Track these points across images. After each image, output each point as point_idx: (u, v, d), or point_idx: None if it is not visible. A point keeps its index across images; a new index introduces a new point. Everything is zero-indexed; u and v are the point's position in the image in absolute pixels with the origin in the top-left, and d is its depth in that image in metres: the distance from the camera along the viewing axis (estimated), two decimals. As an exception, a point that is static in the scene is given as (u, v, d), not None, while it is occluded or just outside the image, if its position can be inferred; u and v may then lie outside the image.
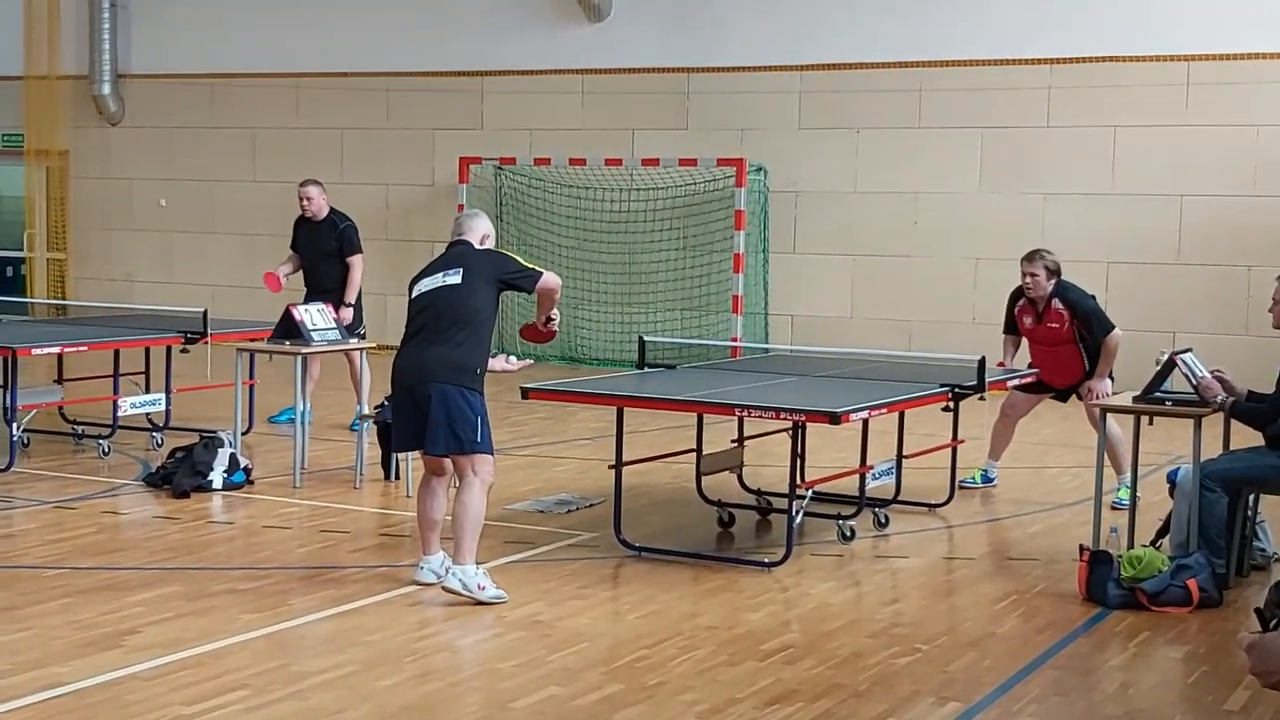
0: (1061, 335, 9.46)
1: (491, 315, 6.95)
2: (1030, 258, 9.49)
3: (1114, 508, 9.06)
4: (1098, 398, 9.17)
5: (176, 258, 19.57)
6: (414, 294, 6.97)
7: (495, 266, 6.97)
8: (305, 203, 11.50)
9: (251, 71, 18.92)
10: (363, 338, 10.99)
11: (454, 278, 6.84)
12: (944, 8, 15.67)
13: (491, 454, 6.84)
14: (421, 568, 7.02)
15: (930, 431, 9.66)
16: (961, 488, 9.44)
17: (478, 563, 6.74)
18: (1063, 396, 9.74)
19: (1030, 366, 9.65)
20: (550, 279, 7.08)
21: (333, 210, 11.64)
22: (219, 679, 5.57)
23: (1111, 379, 9.47)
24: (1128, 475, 8.89)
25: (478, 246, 7.06)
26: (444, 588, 6.67)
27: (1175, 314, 14.63)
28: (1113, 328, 9.44)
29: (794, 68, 16.26)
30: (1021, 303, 9.63)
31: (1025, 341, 9.72)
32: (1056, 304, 9.46)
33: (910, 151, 15.81)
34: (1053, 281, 9.43)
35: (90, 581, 6.99)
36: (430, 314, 6.84)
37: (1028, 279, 9.46)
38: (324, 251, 11.48)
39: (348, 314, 11.12)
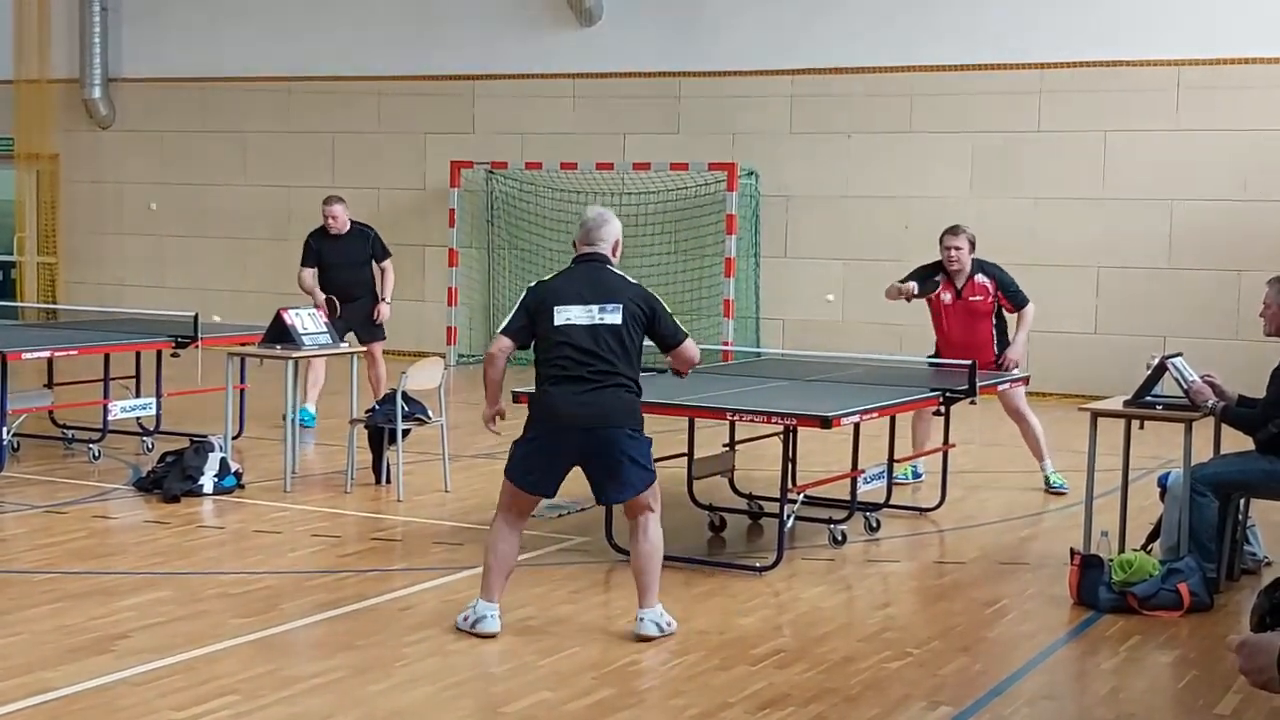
0: (984, 308, 9.70)
1: (642, 347, 6.52)
2: (954, 231, 9.75)
3: (1050, 491, 9.69)
4: (1014, 365, 9.63)
5: (167, 262, 19.55)
6: (559, 322, 6.29)
7: (648, 313, 6.46)
8: (331, 220, 11.99)
9: (242, 75, 18.90)
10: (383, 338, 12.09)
11: (613, 316, 6.31)
12: (935, 13, 15.69)
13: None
14: (492, 616, 6.30)
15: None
16: (897, 483, 9.52)
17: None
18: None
19: (935, 350, 9.87)
20: (692, 349, 6.60)
21: (353, 221, 12.17)
22: (209, 684, 5.55)
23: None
24: (1049, 462, 9.82)
25: (613, 259, 6.53)
26: (640, 636, 6.25)
27: (1166, 318, 14.65)
28: (1029, 300, 9.83)
29: (785, 72, 16.28)
30: (940, 279, 9.80)
31: (936, 318, 9.93)
32: (980, 278, 9.73)
33: (901, 156, 15.83)
34: (971, 256, 9.71)
35: (80, 586, 6.97)
36: (594, 354, 6.26)
37: (952, 252, 9.66)
38: (358, 261, 12.12)
39: (387, 310, 12.06)
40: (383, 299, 12.06)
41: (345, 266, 12.02)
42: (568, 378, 6.26)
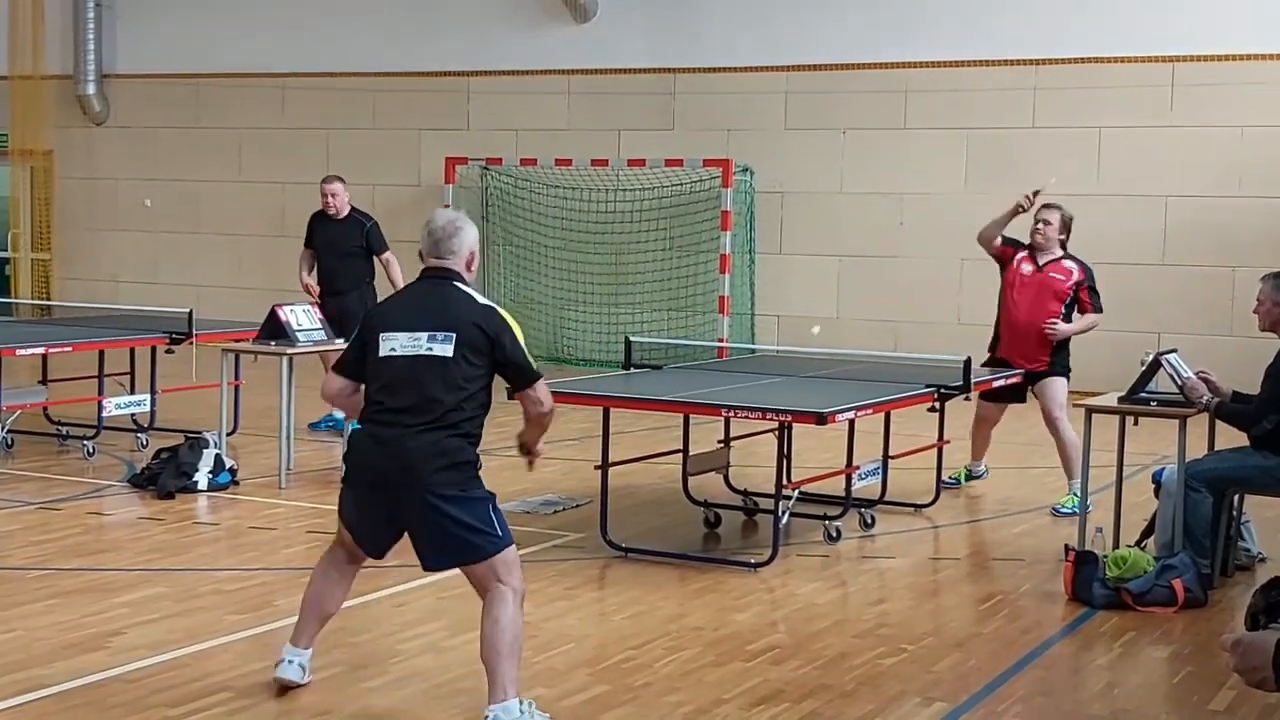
0: (1061, 289, 9.39)
1: (490, 383, 5.29)
2: (1049, 206, 9.54)
3: (1053, 513, 9.08)
4: (1053, 334, 9.29)
5: (162, 258, 19.53)
6: (383, 352, 5.21)
7: (491, 340, 5.19)
8: (330, 199, 11.34)
9: (237, 72, 18.88)
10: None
11: (442, 347, 5.14)
12: (929, 9, 15.69)
13: (513, 545, 5.23)
14: (290, 662, 5.48)
15: (915, 432, 9.67)
16: (945, 487, 9.48)
17: (520, 697, 5.12)
18: (1020, 397, 9.75)
19: (994, 335, 9.59)
20: (542, 393, 5.31)
21: (354, 209, 11.56)
22: (203, 681, 5.56)
23: (1068, 374, 9.51)
24: (1078, 482, 8.37)
25: (467, 274, 5.36)
26: None
27: (1160, 315, 14.66)
28: (1102, 312, 9.56)
29: (780, 68, 16.28)
30: (1024, 253, 9.56)
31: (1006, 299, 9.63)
32: (1070, 263, 9.47)
33: (896, 152, 15.83)
34: (1063, 237, 9.49)
35: (75, 583, 6.97)
36: (411, 393, 5.14)
37: (1040, 225, 9.44)
38: (345, 250, 11.39)
39: None
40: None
41: (331, 254, 11.40)
42: (378, 421, 5.22)
